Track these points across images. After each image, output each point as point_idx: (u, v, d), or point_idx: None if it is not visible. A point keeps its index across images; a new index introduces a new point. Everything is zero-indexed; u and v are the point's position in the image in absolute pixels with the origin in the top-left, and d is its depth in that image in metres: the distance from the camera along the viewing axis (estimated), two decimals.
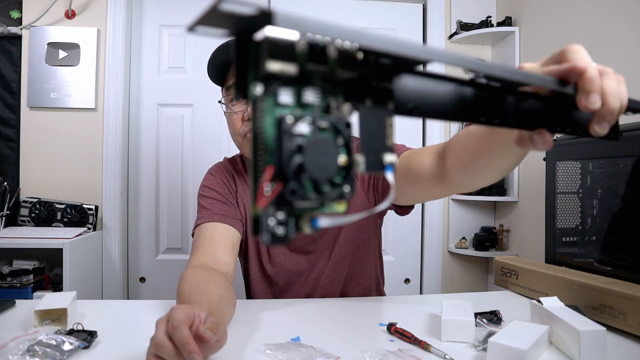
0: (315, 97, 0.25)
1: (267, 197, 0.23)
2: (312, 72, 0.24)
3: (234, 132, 0.95)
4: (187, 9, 2.01)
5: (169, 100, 2.01)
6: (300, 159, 0.23)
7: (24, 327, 0.71)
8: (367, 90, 0.27)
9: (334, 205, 0.25)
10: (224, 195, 0.96)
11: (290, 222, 0.24)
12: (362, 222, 0.97)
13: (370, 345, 0.63)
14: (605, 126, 0.37)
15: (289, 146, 0.23)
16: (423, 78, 0.30)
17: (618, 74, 0.38)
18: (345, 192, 0.25)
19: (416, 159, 0.76)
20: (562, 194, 1.17)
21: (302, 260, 0.98)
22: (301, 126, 0.23)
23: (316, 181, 0.23)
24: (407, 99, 0.29)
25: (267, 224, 0.23)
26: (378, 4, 2.09)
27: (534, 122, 0.37)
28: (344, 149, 0.24)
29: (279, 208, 0.23)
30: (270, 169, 0.23)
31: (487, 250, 1.99)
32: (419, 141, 2.09)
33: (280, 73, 0.23)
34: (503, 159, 0.56)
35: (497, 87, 0.34)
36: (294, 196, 0.23)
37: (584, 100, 0.35)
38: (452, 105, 0.31)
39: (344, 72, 0.25)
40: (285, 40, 0.23)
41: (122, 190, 1.95)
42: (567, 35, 1.60)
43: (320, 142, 0.23)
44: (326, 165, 0.24)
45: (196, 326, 0.51)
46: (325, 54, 0.24)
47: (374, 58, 0.26)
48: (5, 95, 1.89)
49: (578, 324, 0.60)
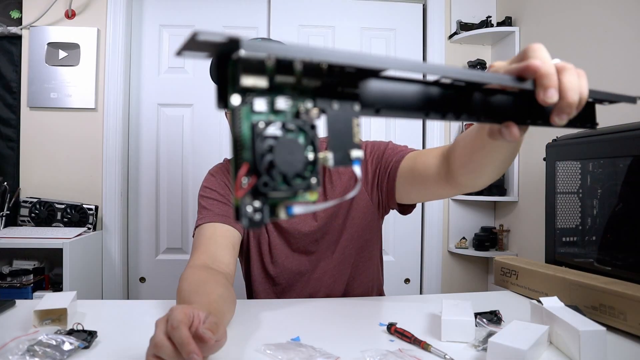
0: (286, 104, 0.29)
1: (243, 189, 0.27)
2: (281, 83, 0.28)
3: None
4: (187, 9, 2.01)
5: (169, 100, 2.01)
6: (271, 157, 0.27)
7: (24, 327, 0.71)
8: (333, 94, 0.30)
9: (306, 195, 0.29)
10: (224, 196, 0.96)
11: (265, 209, 0.28)
12: (366, 223, 0.97)
13: (370, 345, 0.63)
14: (564, 118, 0.40)
15: (260, 147, 0.27)
16: (388, 81, 0.33)
17: (579, 69, 0.41)
18: (312, 184, 0.29)
19: (422, 160, 0.80)
20: (562, 194, 1.17)
21: (304, 261, 0.98)
22: (272, 129, 0.27)
23: (285, 175, 0.28)
24: (373, 101, 0.32)
25: (245, 211, 0.27)
26: (378, 4, 2.09)
27: (501, 116, 0.40)
28: (310, 147, 0.29)
29: (255, 197, 0.28)
30: (246, 166, 0.27)
31: (487, 250, 1.99)
32: (419, 141, 2.10)
33: (253, 87, 0.27)
34: (495, 154, 0.60)
35: (462, 86, 0.37)
36: (266, 187, 0.27)
37: (541, 95, 0.39)
38: (419, 104, 0.35)
39: (310, 81, 0.29)
40: (257, 59, 0.27)
41: (122, 190, 1.95)
42: (567, 35, 1.60)
43: (288, 142, 0.28)
44: (294, 161, 0.28)
45: (195, 326, 0.51)
46: (292, 67, 0.28)
47: (338, 68, 0.30)
48: (5, 95, 1.89)
49: (578, 324, 0.60)
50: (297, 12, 2.04)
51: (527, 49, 0.41)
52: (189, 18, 2.01)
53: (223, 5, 2.02)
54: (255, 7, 2.04)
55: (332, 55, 0.27)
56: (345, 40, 2.06)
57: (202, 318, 0.54)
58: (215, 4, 2.02)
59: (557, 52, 1.64)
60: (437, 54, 2.06)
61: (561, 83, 0.39)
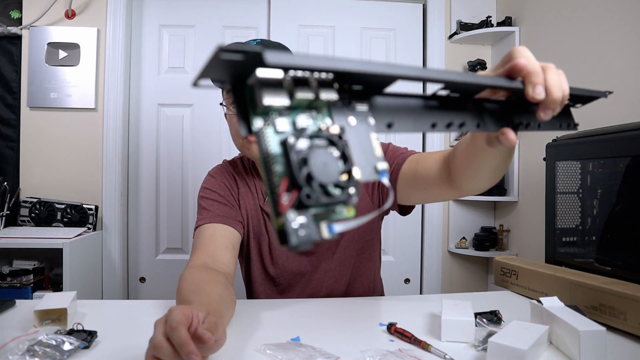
0: (307, 122, 0.29)
1: (286, 204, 0.26)
2: (301, 100, 0.28)
3: (235, 134, 0.95)
4: (187, 9, 2.02)
5: (169, 100, 2.01)
6: (307, 169, 0.27)
7: (24, 327, 0.71)
8: (349, 111, 0.31)
9: (344, 211, 0.29)
10: (225, 197, 0.96)
11: (311, 224, 0.27)
12: (367, 224, 0.97)
13: (370, 345, 0.63)
14: (549, 113, 0.42)
15: (296, 160, 0.27)
16: (393, 98, 0.35)
17: (559, 69, 0.43)
18: (350, 194, 0.28)
19: (424, 164, 0.81)
20: (562, 194, 1.17)
21: (304, 261, 0.98)
22: (301, 143, 0.27)
23: (324, 186, 0.27)
24: (383, 116, 0.33)
25: (291, 228, 0.26)
26: (378, 4, 2.09)
27: (496, 124, 0.42)
28: (342, 158, 0.29)
29: (299, 213, 0.27)
30: (285, 181, 0.27)
31: (487, 250, 1.99)
32: (419, 143, 2.10)
33: (274, 105, 0.27)
34: (489, 160, 0.62)
35: (457, 97, 0.39)
36: (309, 200, 0.27)
37: (531, 92, 0.40)
38: (423, 117, 0.36)
39: (327, 95, 0.30)
40: (274, 79, 0.27)
41: (122, 190, 1.95)
42: (567, 35, 1.60)
43: (320, 153, 0.28)
44: (330, 172, 0.28)
45: (195, 326, 0.51)
46: (308, 84, 0.29)
47: (347, 86, 0.31)
48: (5, 95, 1.89)
49: (578, 324, 0.60)
50: (297, 12, 2.04)
51: (512, 51, 0.43)
52: (189, 18, 2.02)
53: (223, 5, 2.02)
54: (255, 7, 2.04)
55: (349, 64, 0.28)
56: (345, 40, 2.06)
57: (201, 318, 0.54)
58: (215, 4, 2.02)
59: (557, 51, 1.64)
60: (437, 54, 2.06)
61: (546, 80, 0.41)
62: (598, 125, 1.07)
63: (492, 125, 0.42)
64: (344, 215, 0.29)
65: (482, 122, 0.41)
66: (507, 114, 0.43)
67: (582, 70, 1.48)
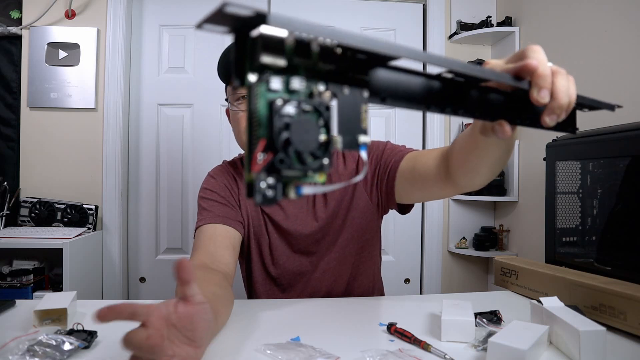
0: (301, 85, 0.29)
1: (259, 164, 0.27)
2: (298, 64, 0.29)
3: (239, 131, 0.94)
4: (187, 9, 2.01)
5: (169, 100, 2.01)
6: (287, 134, 0.27)
7: (24, 327, 0.71)
8: (345, 79, 0.31)
9: (315, 176, 0.30)
10: (225, 197, 0.96)
11: (278, 186, 0.28)
12: (366, 223, 0.97)
13: (370, 345, 0.63)
14: (554, 118, 0.42)
15: (278, 124, 0.27)
16: (395, 72, 0.34)
17: (570, 75, 0.43)
18: (324, 164, 0.29)
19: (422, 161, 0.81)
20: (562, 194, 1.17)
21: (305, 261, 0.98)
22: (289, 108, 0.27)
23: (300, 153, 0.28)
24: (380, 89, 0.33)
25: (259, 187, 0.27)
26: (378, 4, 2.09)
27: (495, 114, 0.42)
28: (324, 128, 0.29)
29: (270, 174, 0.28)
30: (263, 142, 0.27)
31: (487, 250, 1.99)
32: (419, 141, 2.10)
33: (271, 64, 0.27)
34: (489, 154, 0.62)
35: (461, 82, 0.38)
36: (282, 164, 0.27)
37: (535, 95, 0.40)
38: (421, 96, 0.36)
39: (325, 64, 0.30)
40: (277, 37, 0.27)
41: (122, 190, 1.95)
42: (566, 35, 1.60)
43: (304, 121, 0.28)
44: (309, 140, 0.28)
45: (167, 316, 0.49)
46: (310, 49, 0.29)
47: (351, 53, 0.31)
48: (5, 95, 1.89)
49: (578, 324, 0.60)
50: (297, 11, 2.03)
51: (526, 49, 0.43)
52: (189, 18, 2.01)
53: None
54: (256, 6, 2.04)
55: (351, 38, 0.28)
56: None
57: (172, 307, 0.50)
58: (215, 4, 2.01)
59: (557, 52, 1.64)
60: (437, 54, 2.06)
61: (554, 85, 0.41)
62: (598, 125, 1.06)
63: (490, 115, 0.42)
64: (314, 179, 0.30)
65: (481, 111, 0.41)
66: (508, 107, 0.43)
67: (582, 70, 1.48)
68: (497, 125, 0.43)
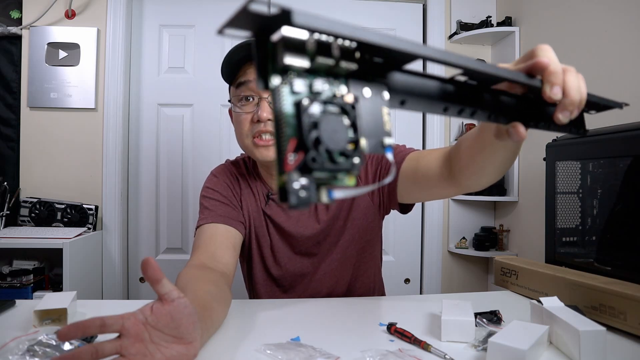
0: (323, 86, 0.29)
1: (291, 164, 0.27)
2: (320, 65, 0.28)
3: (241, 133, 0.92)
4: (187, 9, 2.01)
5: (169, 100, 2.01)
6: (317, 133, 0.27)
7: (24, 327, 0.71)
8: (365, 82, 0.31)
9: (345, 179, 0.29)
10: (227, 197, 0.96)
11: (311, 187, 0.28)
12: (367, 223, 0.97)
13: (370, 345, 0.63)
14: (567, 115, 0.42)
15: (307, 122, 0.27)
16: (411, 76, 0.35)
17: (579, 73, 0.43)
18: (355, 163, 0.29)
19: (424, 161, 0.80)
20: (562, 194, 1.17)
21: (306, 263, 0.98)
22: (315, 107, 0.27)
23: (331, 152, 0.28)
24: (398, 92, 0.34)
25: (292, 188, 0.27)
26: (378, 4, 2.09)
27: (508, 117, 0.42)
28: (351, 128, 0.29)
29: (302, 175, 0.27)
30: (293, 141, 0.27)
31: (487, 250, 1.99)
32: (419, 141, 2.10)
33: (294, 66, 0.27)
34: (496, 155, 0.61)
35: (474, 85, 0.39)
36: (314, 163, 0.27)
37: (548, 92, 0.41)
38: (438, 99, 0.36)
39: (347, 64, 0.29)
40: (298, 39, 0.27)
41: (122, 190, 1.95)
42: (566, 35, 1.60)
43: (332, 119, 0.28)
44: (339, 139, 0.28)
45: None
46: (330, 50, 0.28)
47: (368, 57, 0.31)
48: (5, 95, 1.89)
49: (578, 324, 0.60)
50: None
51: (536, 49, 0.43)
52: (189, 18, 2.01)
53: (223, 6, 2.02)
54: (255, 7, 2.04)
55: (374, 36, 0.28)
56: None
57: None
58: (215, 4, 2.02)
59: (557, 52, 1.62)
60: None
61: (565, 82, 0.41)
62: (598, 125, 1.06)
63: (503, 118, 0.42)
64: (345, 182, 0.30)
65: (495, 114, 0.41)
66: (520, 109, 0.43)
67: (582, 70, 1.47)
68: (512, 127, 0.43)
